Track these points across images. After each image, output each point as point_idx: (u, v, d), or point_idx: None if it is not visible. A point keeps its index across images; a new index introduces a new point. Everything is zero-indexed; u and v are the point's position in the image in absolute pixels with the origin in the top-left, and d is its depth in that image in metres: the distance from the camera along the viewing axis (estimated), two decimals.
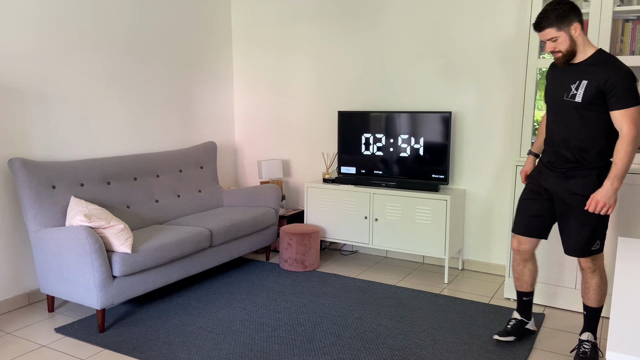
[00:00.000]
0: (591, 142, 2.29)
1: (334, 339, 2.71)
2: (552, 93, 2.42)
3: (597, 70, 2.22)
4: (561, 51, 2.29)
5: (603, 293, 2.44)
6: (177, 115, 4.23)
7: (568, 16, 2.23)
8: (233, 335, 2.77)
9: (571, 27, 2.24)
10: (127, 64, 3.75)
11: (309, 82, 4.41)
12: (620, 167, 2.19)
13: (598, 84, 2.21)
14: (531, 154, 2.69)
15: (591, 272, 2.43)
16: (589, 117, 2.28)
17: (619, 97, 2.17)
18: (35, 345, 2.68)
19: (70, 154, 3.40)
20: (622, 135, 2.19)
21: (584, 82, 2.26)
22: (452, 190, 3.70)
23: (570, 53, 2.28)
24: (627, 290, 1.41)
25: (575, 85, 2.29)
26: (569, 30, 2.24)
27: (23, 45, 3.11)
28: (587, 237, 2.34)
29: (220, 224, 3.50)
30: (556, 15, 2.23)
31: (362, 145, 4.01)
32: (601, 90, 2.21)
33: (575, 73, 2.30)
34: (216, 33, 4.57)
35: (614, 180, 2.20)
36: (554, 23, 2.24)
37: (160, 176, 3.79)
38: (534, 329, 2.77)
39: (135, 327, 2.88)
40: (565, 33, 2.25)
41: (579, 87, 2.27)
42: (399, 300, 3.25)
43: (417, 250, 3.68)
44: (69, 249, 2.77)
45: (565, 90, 2.33)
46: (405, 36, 3.92)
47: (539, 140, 2.67)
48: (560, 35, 2.25)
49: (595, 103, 2.24)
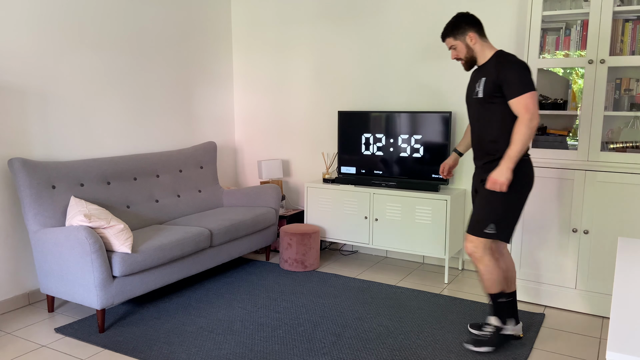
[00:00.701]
0: (499, 134, 2.48)
1: (334, 339, 2.71)
2: (466, 96, 2.65)
3: (493, 67, 2.45)
4: (461, 58, 2.55)
5: (492, 280, 2.53)
6: (177, 115, 4.23)
7: (462, 27, 2.51)
8: (233, 335, 2.77)
9: (466, 36, 2.51)
10: (127, 64, 3.75)
11: (309, 82, 4.41)
12: (514, 148, 2.36)
13: (494, 79, 2.43)
14: (455, 152, 2.89)
15: (475, 259, 2.53)
16: (493, 110, 2.48)
17: (512, 86, 2.38)
18: (35, 345, 2.68)
19: (70, 154, 3.40)
20: (517, 120, 2.39)
21: (482, 79, 2.49)
22: (452, 190, 3.70)
23: (470, 59, 2.54)
24: (627, 290, 1.41)
25: (478, 84, 2.53)
26: (465, 39, 2.51)
27: (23, 45, 3.11)
28: (482, 216, 2.49)
29: (220, 224, 3.50)
30: (451, 26, 2.53)
31: (362, 145, 4.01)
32: (497, 84, 2.42)
33: (477, 74, 2.55)
34: (216, 33, 4.57)
35: (508, 160, 2.37)
36: (449, 33, 2.54)
37: (160, 176, 3.78)
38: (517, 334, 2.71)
39: (135, 327, 2.88)
40: (461, 42, 2.52)
41: (480, 84, 2.51)
42: (399, 300, 3.25)
43: (417, 250, 3.68)
44: (69, 249, 2.77)
45: (472, 90, 2.57)
46: (406, 36, 3.92)
47: (464, 140, 2.88)
48: (458, 44, 2.53)
49: (495, 96, 2.45)
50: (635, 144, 3.03)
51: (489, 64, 2.48)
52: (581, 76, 3.26)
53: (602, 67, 2.91)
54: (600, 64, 2.91)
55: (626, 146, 3.05)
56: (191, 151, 4.10)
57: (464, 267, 3.91)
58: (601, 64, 2.91)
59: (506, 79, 2.39)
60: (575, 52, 3.09)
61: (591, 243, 2.99)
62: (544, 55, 3.19)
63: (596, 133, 2.96)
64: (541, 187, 3.10)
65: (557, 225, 3.07)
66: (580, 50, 3.06)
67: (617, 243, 1.97)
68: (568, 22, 3.14)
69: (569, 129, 3.30)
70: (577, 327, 2.90)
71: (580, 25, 3.05)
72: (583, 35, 3.04)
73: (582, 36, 3.05)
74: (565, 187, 3.03)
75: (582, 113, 2.99)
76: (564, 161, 3.06)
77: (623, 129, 3.15)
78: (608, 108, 3.05)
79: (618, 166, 2.91)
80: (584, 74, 2.98)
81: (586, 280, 3.03)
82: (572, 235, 3.04)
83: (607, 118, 3.16)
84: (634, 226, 2.87)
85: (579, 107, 3.22)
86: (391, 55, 4.00)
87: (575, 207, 3.01)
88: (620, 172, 2.87)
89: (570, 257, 3.05)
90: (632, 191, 2.85)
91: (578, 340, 2.73)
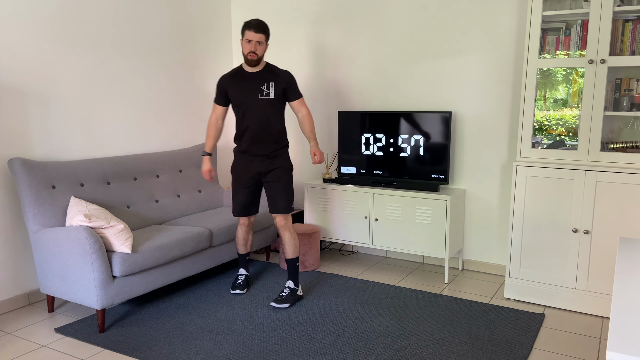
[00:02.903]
0: (282, 126, 3.19)
1: (334, 339, 2.71)
2: (242, 96, 3.11)
3: (278, 75, 3.12)
4: (257, 55, 3.03)
5: (296, 245, 3.22)
6: (177, 115, 4.23)
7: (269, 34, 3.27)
8: (233, 335, 2.77)
9: (267, 42, 3.10)
10: (127, 64, 3.75)
11: (308, 81, 4.41)
12: (314, 132, 3.22)
13: (282, 85, 3.11)
14: (207, 155, 3.28)
15: (286, 230, 3.19)
16: (279, 108, 3.16)
17: (294, 91, 3.15)
18: (35, 345, 2.68)
19: (70, 154, 3.40)
20: (305, 115, 3.19)
21: (271, 83, 3.10)
22: (452, 190, 3.70)
23: (260, 59, 3.06)
24: (627, 290, 1.41)
25: (266, 86, 3.09)
26: (267, 44, 3.09)
27: (23, 45, 3.11)
28: (288, 197, 3.19)
29: (220, 224, 3.50)
30: (268, 29, 3.07)
31: (362, 145, 4.01)
32: (285, 89, 3.12)
33: (260, 79, 3.10)
34: (216, 33, 4.57)
35: (316, 140, 3.20)
36: (267, 33, 3.06)
37: (160, 176, 3.78)
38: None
39: (135, 327, 2.88)
40: (266, 44, 3.07)
41: (269, 87, 3.09)
42: (399, 300, 3.25)
43: (417, 250, 3.68)
44: (69, 249, 2.77)
45: (258, 91, 3.09)
46: (406, 36, 3.92)
47: (212, 142, 3.30)
48: (264, 44, 3.06)
49: (281, 98, 3.14)
50: (635, 144, 3.04)
51: (270, 71, 3.12)
52: (581, 76, 3.26)
53: (602, 67, 2.91)
54: (600, 64, 2.91)
55: (626, 146, 3.05)
56: (191, 151, 4.10)
57: (464, 267, 3.91)
58: (601, 64, 2.91)
59: (291, 85, 3.14)
60: (575, 52, 3.09)
61: (591, 243, 2.99)
62: (544, 55, 3.19)
63: (596, 133, 2.96)
64: (541, 187, 3.10)
65: (557, 225, 3.07)
66: (580, 50, 3.06)
67: (617, 243, 1.97)
68: (568, 22, 3.15)
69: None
70: (577, 327, 2.90)
71: (580, 25, 3.05)
72: (583, 35, 3.04)
73: (582, 36, 3.05)
74: (565, 187, 3.03)
75: (582, 113, 2.99)
76: (564, 161, 3.06)
77: (623, 129, 3.15)
78: (608, 108, 3.05)
79: (618, 166, 2.91)
80: (584, 74, 2.98)
81: (586, 280, 3.03)
82: (572, 235, 3.04)
83: (607, 118, 3.17)
84: (634, 226, 2.87)
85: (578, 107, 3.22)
86: (391, 55, 4.00)
87: (575, 207, 3.01)
88: (620, 172, 2.87)
89: (570, 257, 3.05)
90: (632, 191, 2.85)
91: (578, 340, 2.73)
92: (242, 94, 3.10)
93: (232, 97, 3.14)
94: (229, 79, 3.15)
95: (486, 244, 3.81)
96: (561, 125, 3.36)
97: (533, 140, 3.22)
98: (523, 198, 3.15)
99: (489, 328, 2.85)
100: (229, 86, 3.15)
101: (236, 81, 3.13)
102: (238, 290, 3.36)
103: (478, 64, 3.67)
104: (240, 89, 3.10)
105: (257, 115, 3.10)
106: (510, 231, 3.22)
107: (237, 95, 3.12)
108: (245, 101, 3.10)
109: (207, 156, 3.27)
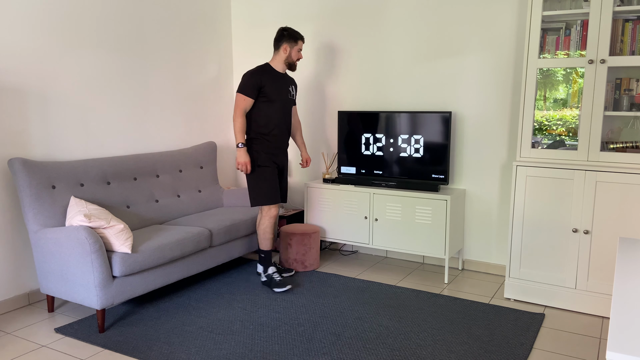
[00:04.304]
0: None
1: (333, 339, 2.71)
2: (278, 93, 3.39)
3: (294, 81, 3.58)
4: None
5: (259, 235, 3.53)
6: (177, 115, 4.23)
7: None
8: (233, 335, 2.77)
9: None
10: (127, 63, 3.75)
11: (308, 81, 4.41)
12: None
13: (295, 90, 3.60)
14: (245, 146, 3.34)
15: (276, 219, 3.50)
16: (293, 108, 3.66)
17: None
18: (35, 345, 2.68)
19: (70, 154, 3.40)
20: (299, 121, 3.75)
21: (293, 86, 3.54)
22: (452, 190, 3.70)
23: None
24: (627, 290, 1.41)
25: (292, 88, 3.52)
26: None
27: (23, 45, 3.11)
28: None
29: (220, 224, 3.50)
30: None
31: (362, 145, 4.01)
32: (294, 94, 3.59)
33: (287, 80, 3.49)
34: (216, 33, 4.57)
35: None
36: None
37: (160, 176, 3.78)
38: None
39: (135, 327, 2.88)
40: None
41: (293, 89, 3.54)
42: (399, 300, 3.25)
43: (417, 250, 3.68)
44: (69, 249, 2.77)
45: (287, 92, 3.46)
46: (406, 36, 3.92)
47: (244, 134, 3.34)
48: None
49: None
50: (635, 144, 3.04)
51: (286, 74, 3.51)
52: (581, 76, 3.26)
53: (602, 67, 2.91)
54: (600, 64, 2.91)
55: (626, 146, 3.05)
56: (191, 151, 4.10)
57: (464, 267, 3.91)
58: (601, 64, 2.91)
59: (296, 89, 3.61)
60: (575, 52, 3.09)
61: (591, 243, 2.99)
62: (544, 55, 3.19)
63: (596, 133, 2.96)
64: (541, 187, 3.10)
65: (557, 225, 3.07)
66: (580, 50, 3.06)
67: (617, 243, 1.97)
68: (568, 22, 3.15)
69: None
70: (577, 327, 2.90)
71: (580, 25, 3.05)
72: (583, 35, 3.04)
73: (582, 36, 3.05)
74: (565, 187, 3.03)
75: (582, 113, 2.99)
76: (564, 161, 3.06)
77: (623, 129, 3.15)
78: (608, 108, 3.05)
79: (618, 166, 2.91)
80: (583, 74, 2.98)
81: (586, 280, 3.03)
82: (572, 235, 3.04)
83: (607, 118, 3.17)
84: (634, 226, 2.87)
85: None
86: (391, 55, 4.00)
87: (575, 207, 3.01)
88: (620, 172, 2.87)
89: (570, 257, 3.05)
90: (632, 191, 2.85)
91: (578, 340, 2.73)
92: (277, 90, 3.38)
93: (269, 92, 3.33)
94: (265, 76, 3.34)
95: (486, 244, 3.81)
96: (561, 125, 3.36)
97: (533, 140, 3.22)
98: (523, 198, 3.15)
99: (489, 328, 2.85)
100: (266, 82, 3.33)
101: (272, 79, 3.36)
102: (289, 286, 3.40)
103: (478, 64, 3.67)
104: (276, 86, 3.37)
105: (285, 113, 3.44)
106: (510, 231, 3.22)
107: (273, 91, 3.36)
108: (280, 98, 3.39)
109: (245, 147, 3.32)
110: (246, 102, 3.31)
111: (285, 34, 3.39)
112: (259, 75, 3.32)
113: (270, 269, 3.49)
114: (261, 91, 3.32)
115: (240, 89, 3.31)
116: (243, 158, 3.30)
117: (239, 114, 3.29)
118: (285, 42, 3.39)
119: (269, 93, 3.34)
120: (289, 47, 3.39)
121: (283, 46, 3.39)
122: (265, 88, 3.32)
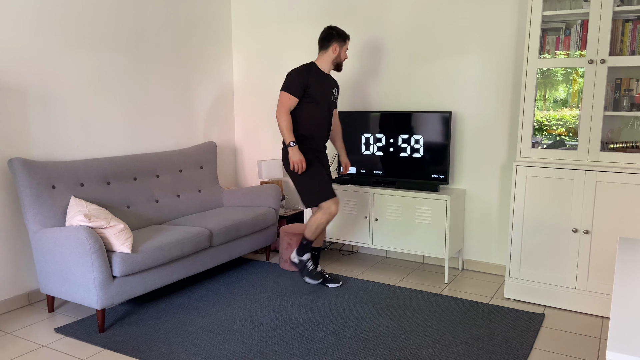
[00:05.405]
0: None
1: (333, 339, 2.71)
2: (324, 93, 3.30)
3: (337, 83, 3.46)
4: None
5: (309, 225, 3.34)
6: (177, 115, 4.23)
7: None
8: (233, 335, 2.77)
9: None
10: (127, 63, 3.75)
11: None
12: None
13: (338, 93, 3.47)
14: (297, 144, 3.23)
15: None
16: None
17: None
18: (35, 345, 2.68)
19: (70, 154, 3.40)
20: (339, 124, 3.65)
21: (336, 88, 3.42)
22: (452, 190, 3.70)
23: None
24: (627, 290, 1.41)
25: (335, 90, 3.41)
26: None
27: (23, 45, 3.11)
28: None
29: (220, 224, 3.49)
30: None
31: (362, 145, 4.01)
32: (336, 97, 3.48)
33: (331, 82, 3.38)
34: (216, 33, 4.57)
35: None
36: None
37: (160, 176, 3.78)
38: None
39: (135, 327, 2.88)
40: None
41: (336, 92, 3.43)
42: (399, 300, 3.25)
43: (417, 250, 3.68)
44: (69, 249, 2.77)
45: (330, 93, 3.36)
46: (406, 36, 3.92)
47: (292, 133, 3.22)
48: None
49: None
50: (635, 144, 3.04)
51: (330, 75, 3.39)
52: (581, 76, 3.26)
53: (602, 67, 2.91)
54: (600, 64, 2.91)
55: (626, 146, 3.05)
56: (191, 151, 4.10)
57: (464, 267, 3.91)
58: (601, 64, 2.91)
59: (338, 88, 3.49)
60: (575, 52, 3.09)
61: (591, 243, 2.99)
62: (544, 55, 3.19)
63: (596, 133, 2.96)
64: (541, 187, 3.10)
65: (557, 225, 3.07)
66: (580, 50, 3.06)
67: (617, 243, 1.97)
68: (568, 22, 3.15)
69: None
70: (577, 327, 2.90)
71: (580, 25, 3.05)
72: (583, 35, 3.04)
73: (582, 36, 3.05)
74: (565, 187, 3.03)
75: (582, 113, 2.99)
76: (564, 161, 3.06)
77: (623, 129, 3.15)
78: (608, 108, 3.05)
79: (618, 166, 2.91)
80: (583, 73, 2.98)
81: (586, 280, 3.03)
82: (572, 235, 3.04)
83: (607, 118, 3.17)
84: (634, 226, 2.87)
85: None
86: (391, 55, 4.00)
87: (575, 207, 3.01)
88: (620, 172, 2.87)
89: (570, 257, 3.05)
90: (632, 191, 2.85)
91: (578, 340, 2.73)
92: (322, 91, 3.29)
93: (315, 92, 3.24)
94: (312, 76, 3.25)
95: (486, 243, 3.81)
96: (561, 125, 3.36)
97: (533, 140, 3.22)
98: (523, 198, 3.15)
99: (489, 328, 2.85)
100: (313, 82, 3.24)
101: (318, 79, 3.28)
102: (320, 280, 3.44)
103: (478, 64, 3.67)
104: (322, 87, 3.29)
105: (328, 114, 3.36)
106: (510, 231, 3.22)
107: (320, 92, 3.27)
108: (325, 99, 3.32)
109: (297, 146, 3.21)
110: (291, 100, 3.18)
111: (334, 33, 3.27)
112: (305, 74, 3.21)
113: (306, 256, 3.40)
114: (306, 91, 3.22)
115: (285, 87, 3.18)
116: (297, 156, 3.16)
117: (283, 112, 3.17)
118: (335, 41, 3.27)
119: (314, 94, 3.24)
120: (338, 47, 3.28)
121: (333, 46, 3.27)
122: (311, 89, 3.22)
